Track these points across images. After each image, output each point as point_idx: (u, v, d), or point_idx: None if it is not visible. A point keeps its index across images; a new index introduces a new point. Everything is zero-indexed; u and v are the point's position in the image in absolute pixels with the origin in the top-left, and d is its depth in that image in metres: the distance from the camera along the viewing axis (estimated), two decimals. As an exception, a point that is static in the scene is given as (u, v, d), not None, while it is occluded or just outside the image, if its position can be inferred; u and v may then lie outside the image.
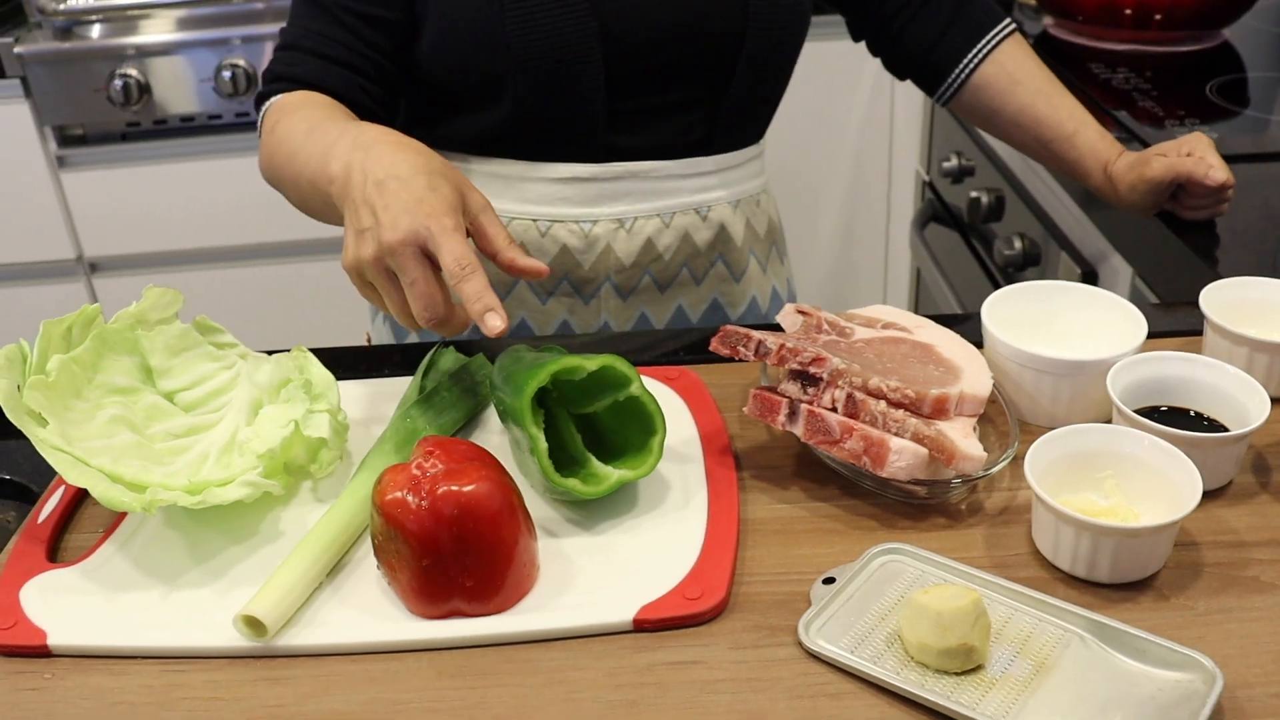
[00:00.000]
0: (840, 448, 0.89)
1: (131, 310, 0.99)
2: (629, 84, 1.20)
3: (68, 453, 0.86)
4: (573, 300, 1.28)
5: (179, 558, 0.88)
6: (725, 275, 1.33)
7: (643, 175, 1.25)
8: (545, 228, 1.25)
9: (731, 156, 1.29)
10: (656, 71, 1.21)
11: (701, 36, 1.20)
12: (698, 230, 1.29)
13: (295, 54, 1.18)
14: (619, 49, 1.18)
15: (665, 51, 1.20)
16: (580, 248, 1.26)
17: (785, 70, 1.31)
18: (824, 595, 0.82)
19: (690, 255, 1.29)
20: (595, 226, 1.25)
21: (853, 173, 2.66)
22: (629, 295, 1.29)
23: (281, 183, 1.15)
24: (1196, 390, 0.95)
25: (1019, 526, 0.89)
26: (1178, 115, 1.64)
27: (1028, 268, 1.81)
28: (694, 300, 1.32)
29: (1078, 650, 0.77)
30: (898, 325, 1.02)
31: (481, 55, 1.17)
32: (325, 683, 0.78)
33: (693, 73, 1.22)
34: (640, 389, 0.90)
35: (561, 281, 1.27)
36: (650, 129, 1.24)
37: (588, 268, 1.27)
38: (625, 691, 0.76)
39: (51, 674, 0.79)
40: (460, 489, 0.79)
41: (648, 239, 1.27)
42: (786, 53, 1.28)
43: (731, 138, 1.29)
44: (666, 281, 1.30)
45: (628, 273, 1.28)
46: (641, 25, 1.18)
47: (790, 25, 1.25)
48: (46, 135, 2.38)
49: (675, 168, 1.25)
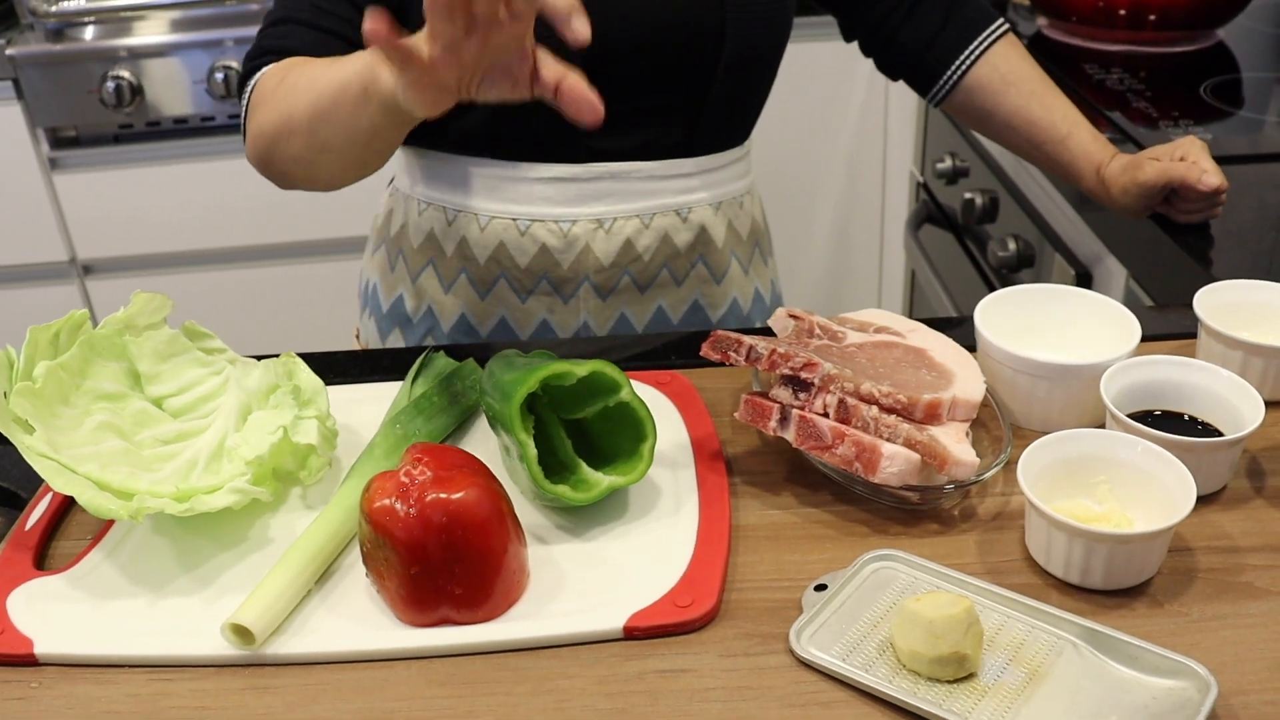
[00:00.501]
0: (832, 453, 0.88)
1: (120, 316, 0.98)
2: (607, 88, 1.18)
3: (54, 460, 0.85)
4: (552, 299, 1.28)
5: (167, 565, 0.88)
6: (706, 276, 1.32)
7: (622, 176, 1.24)
8: (525, 227, 1.24)
9: (714, 159, 1.29)
10: (635, 76, 1.20)
11: (680, 40, 1.20)
12: (678, 231, 1.28)
13: (288, 26, 1.16)
14: (596, 53, 1.15)
15: (643, 56, 1.19)
16: (559, 247, 1.25)
17: (768, 73, 1.30)
18: (816, 602, 0.81)
19: (670, 256, 1.29)
20: (574, 226, 1.25)
21: (847, 174, 2.65)
22: (608, 295, 1.28)
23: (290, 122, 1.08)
24: (1190, 394, 0.95)
25: (1012, 532, 0.88)
26: (1172, 116, 1.64)
27: (1022, 269, 1.81)
28: (674, 301, 1.31)
29: (1071, 658, 0.77)
30: (890, 330, 1.02)
31: None
32: (314, 691, 0.77)
33: (672, 76, 1.21)
34: (630, 394, 0.90)
35: (540, 280, 1.27)
36: (630, 132, 1.23)
37: (566, 267, 1.26)
38: (615, 700, 0.75)
39: (38, 683, 0.79)
40: (449, 496, 0.78)
41: (627, 239, 1.26)
42: (768, 56, 1.27)
43: (714, 140, 1.28)
44: (646, 282, 1.29)
45: (607, 273, 1.27)
46: (618, 29, 1.16)
47: (771, 28, 1.24)
48: (39, 137, 2.38)
49: (656, 169, 1.25)
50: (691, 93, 1.23)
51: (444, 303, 1.30)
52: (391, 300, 1.34)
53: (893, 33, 1.38)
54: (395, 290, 1.34)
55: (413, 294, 1.32)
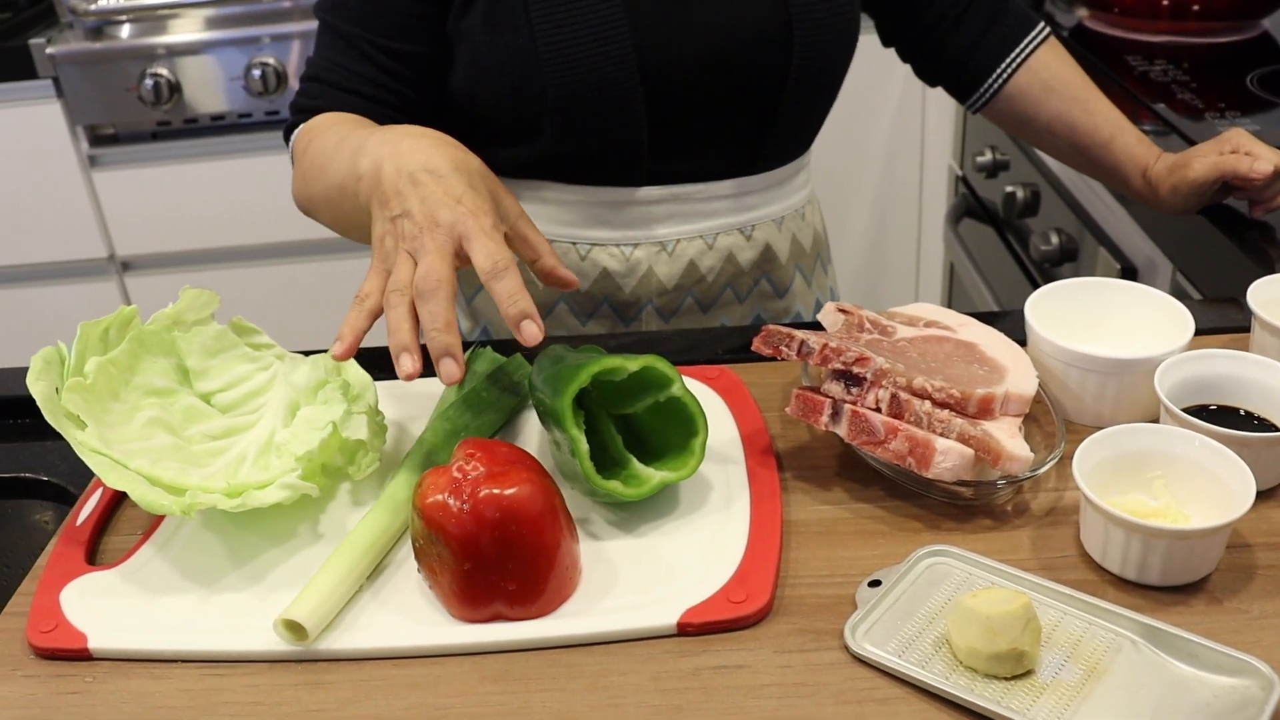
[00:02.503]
0: (885, 449, 0.88)
1: (168, 311, 0.98)
2: (672, 115, 1.16)
3: (107, 455, 0.86)
4: (614, 323, 1.26)
5: (218, 561, 0.88)
6: (769, 292, 1.30)
7: (685, 198, 1.22)
8: (585, 251, 1.23)
9: (778, 173, 1.26)
10: (700, 102, 1.17)
11: (745, 66, 1.17)
12: (742, 250, 1.26)
13: (318, 86, 1.17)
14: (661, 83, 1.14)
15: (708, 83, 1.16)
16: (621, 271, 1.23)
17: (834, 84, 1.27)
18: (870, 598, 0.80)
19: (734, 275, 1.27)
20: (636, 250, 1.23)
21: (884, 168, 2.64)
22: (671, 317, 1.26)
23: (314, 202, 1.12)
24: (1246, 389, 0.94)
25: (1066, 528, 0.88)
26: (1218, 108, 1.62)
27: (1064, 263, 1.80)
28: (737, 318, 1.29)
29: (1129, 655, 0.76)
30: (940, 324, 1.01)
31: (515, 93, 1.14)
32: (366, 687, 0.77)
33: (737, 102, 1.19)
34: (682, 389, 0.89)
35: (601, 304, 1.25)
36: (694, 156, 1.21)
37: (628, 291, 1.24)
38: (669, 696, 0.75)
39: (92, 677, 0.79)
40: (502, 492, 0.78)
41: (690, 261, 1.24)
42: (835, 68, 1.24)
43: (778, 156, 1.26)
44: (709, 302, 1.27)
45: (670, 295, 1.25)
46: (683, 58, 1.14)
47: (838, 39, 1.21)
48: (78, 135, 2.39)
49: (720, 189, 1.23)
50: (758, 112, 1.21)
51: (501, 325, 1.29)
52: None
53: (937, 41, 1.35)
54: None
55: (467, 314, 1.32)
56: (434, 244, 0.88)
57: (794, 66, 1.18)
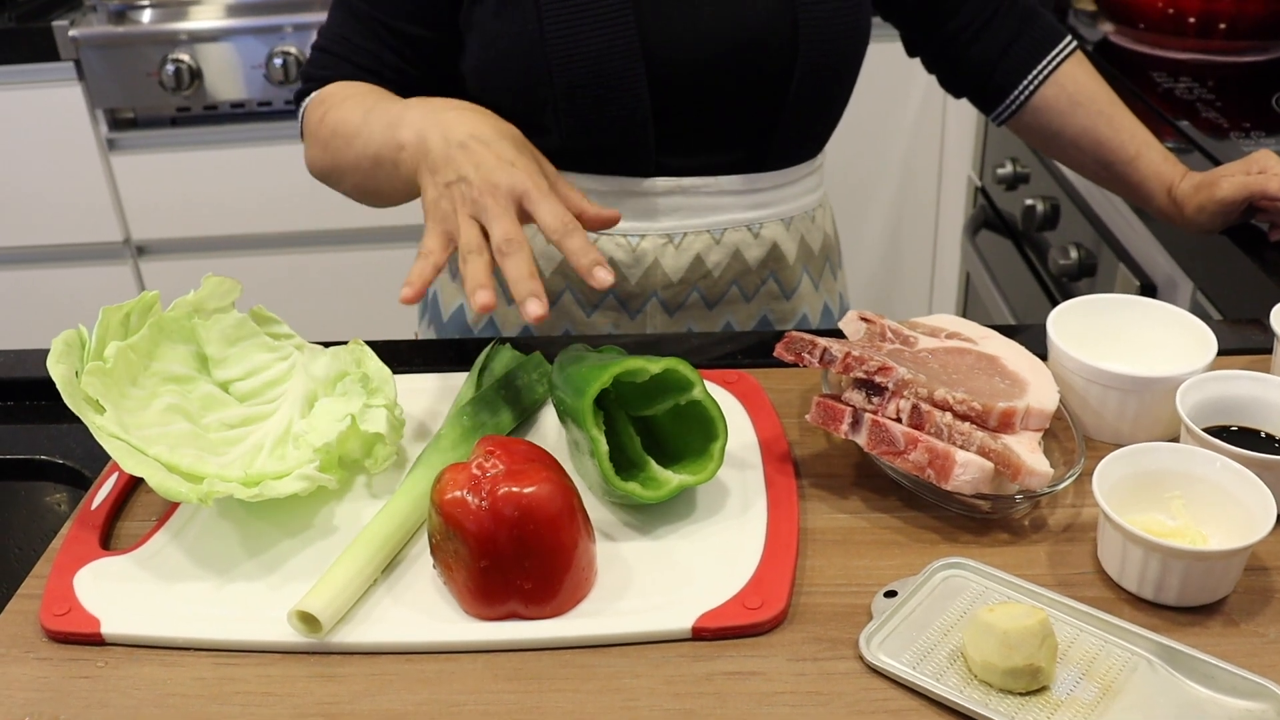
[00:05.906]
0: (904, 459, 0.87)
1: (189, 298, 0.98)
2: (677, 108, 1.17)
3: (125, 441, 0.86)
4: (618, 314, 1.26)
5: (232, 549, 0.88)
6: (776, 293, 1.30)
7: (693, 191, 1.22)
8: (592, 240, 1.23)
9: (786, 173, 1.26)
10: (705, 96, 1.18)
11: (751, 61, 1.17)
12: (749, 247, 1.26)
13: (328, 57, 1.20)
14: (665, 74, 1.15)
15: (713, 76, 1.17)
16: (627, 262, 1.23)
17: (844, 86, 1.26)
18: (885, 609, 0.80)
19: (740, 273, 1.27)
20: (643, 241, 1.23)
21: (902, 177, 2.63)
22: (676, 311, 1.26)
23: (339, 170, 1.15)
24: (1268, 411, 0.93)
25: (1083, 545, 0.87)
26: (1242, 127, 1.61)
27: (1083, 278, 1.79)
28: (743, 317, 1.29)
29: (1145, 674, 0.76)
30: (962, 335, 1.01)
31: (524, 81, 1.15)
32: (379, 681, 0.77)
33: (744, 96, 1.19)
34: (703, 393, 0.89)
35: (607, 295, 1.25)
36: (701, 150, 1.21)
37: (634, 283, 1.24)
38: (683, 700, 0.75)
39: (104, 662, 0.79)
40: (521, 490, 0.78)
41: (696, 255, 1.24)
42: (843, 69, 1.24)
43: (787, 155, 1.25)
44: (715, 299, 1.27)
45: (675, 289, 1.25)
46: (688, 50, 1.15)
47: (845, 40, 1.21)
48: (98, 118, 2.39)
49: (727, 184, 1.23)
50: (764, 110, 1.21)
51: (507, 314, 1.29)
52: (452, 309, 1.33)
53: (961, 51, 1.34)
54: (456, 300, 1.33)
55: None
56: (499, 207, 0.92)
57: (799, 64, 1.18)
